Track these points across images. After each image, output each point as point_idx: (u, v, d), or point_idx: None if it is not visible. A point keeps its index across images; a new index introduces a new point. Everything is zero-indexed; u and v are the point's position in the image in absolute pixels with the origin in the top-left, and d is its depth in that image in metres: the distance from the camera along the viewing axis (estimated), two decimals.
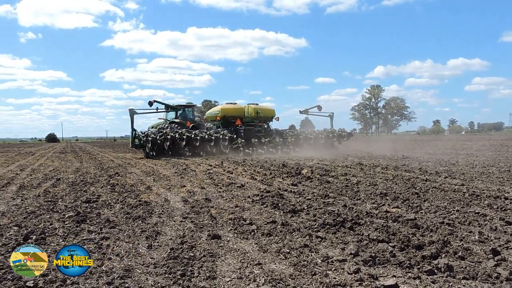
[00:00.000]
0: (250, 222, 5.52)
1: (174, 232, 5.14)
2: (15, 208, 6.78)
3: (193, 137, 20.68)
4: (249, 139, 22.29)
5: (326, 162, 14.57)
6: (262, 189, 8.34)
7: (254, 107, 24.28)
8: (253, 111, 23.99)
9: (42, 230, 5.15)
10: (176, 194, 8.08)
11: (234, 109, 24.24)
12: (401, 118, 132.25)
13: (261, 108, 24.72)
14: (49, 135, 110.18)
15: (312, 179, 9.72)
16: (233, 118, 23.73)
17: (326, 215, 5.78)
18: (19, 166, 16.10)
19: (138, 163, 16.67)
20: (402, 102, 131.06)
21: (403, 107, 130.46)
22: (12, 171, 13.96)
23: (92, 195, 7.89)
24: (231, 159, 17.02)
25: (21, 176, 12.11)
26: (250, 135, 22.71)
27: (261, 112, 24.16)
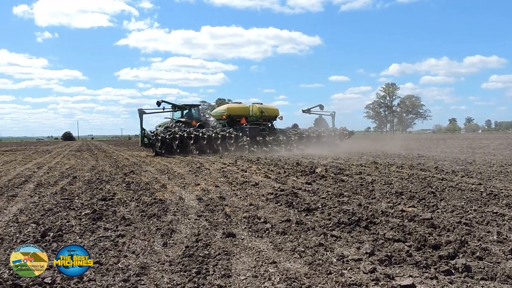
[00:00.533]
0: (265, 221, 5.51)
1: (189, 230, 5.16)
2: (32, 206, 6.88)
3: (200, 136, 21.48)
4: (254, 137, 23.03)
5: (341, 161, 14.50)
6: (276, 188, 8.34)
7: (259, 106, 25.03)
8: (257, 110, 24.74)
9: (59, 227, 5.22)
10: (190, 192, 8.12)
11: (240, 108, 25.14)
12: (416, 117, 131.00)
13: (266, 107, 25.50)
14: (65, 133, 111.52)
15: (326, 178, 9.68)
16: (238, 117, 24.58)
17: (341, 214, 5.75)
18: (36, 164, 16.34)
19: (153, 161, 16.79)
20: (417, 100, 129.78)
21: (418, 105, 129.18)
22: (29, 169, 14.17)
23: (108, 193, 7.97)
24: (244, 158, 17.03)
25: (38, 174, 12.29)
26: (255, 133, 23.45)
27: (265, 111, 24.97)
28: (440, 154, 18.17)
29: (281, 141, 23.64)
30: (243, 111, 24.99)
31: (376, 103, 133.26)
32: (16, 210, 6.53)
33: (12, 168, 14.41)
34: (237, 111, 24.98)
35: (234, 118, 24.63)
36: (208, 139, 21.49)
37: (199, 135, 21.50)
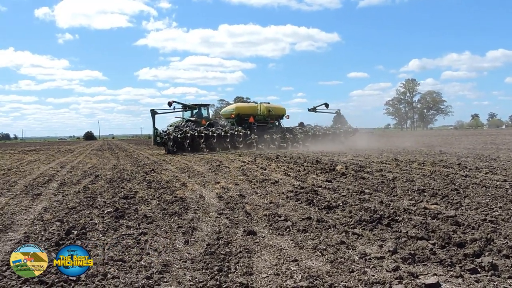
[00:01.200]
0: (285, 219, 5.50)
1: (210, 228, 5.18)
2: (56, 204, 7.01)
3: (210, 134, 22.62)
4: (262, 135, 24.02)
5: (361, 158, 14.37)
6: (296, 185, 8.31)
7: (266, 105, 26.21)
8: (265, 109, 25.83)
9: (83, 226, 5.30)
10: (210, 191, 8.16)
11: (248, 108, 26.70)
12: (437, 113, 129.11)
13: (273, 106, 26.67)
14: (86, 133, 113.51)
15: (346, 175, 9.61)
16: (246, 115, 25.58)
17: (362, 212, 5.69)
18: (59, 164, 16.64)
19: (173, 160, 16.92)
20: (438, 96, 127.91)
21: (439, 101, 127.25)
22: (53, 168, 14.44)
23: (130, 192, 8.07)
24: (264, 156, 17.03)
25: (61, 173, 12.51)
26: (263, 131, 24.52)
27: (272, 110, 26.10)
28: (463, 150, 17.84)
29: (287, 138, 24.56)
30: (251, 110, 26.05)
31: (396, 99, 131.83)
32: (41, 209, 6.66)
33: (36, 168, 14.71)
34: (246, 110, 26.17)
35: (242, 117, 25.61)
36: (218, 137, 22.54)
37: (209, 134, 22.56)
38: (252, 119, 25.36)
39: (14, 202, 7.39)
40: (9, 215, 6.25)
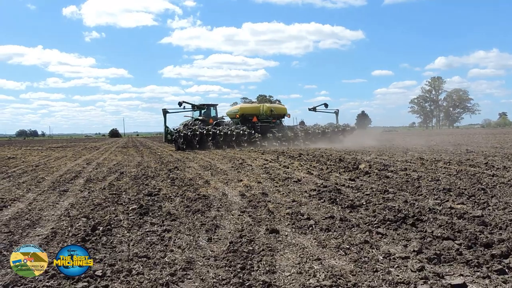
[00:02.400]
0: (308, 217, 5.48)
1: (233, 226, 5.21)
2: (83, 200, 7.15)
3: (217, 133, 24.09)
4: (265, 133, 25.57)
5: (385, 157, 14.19)
6: (319, 184, 8.26)
7: (268, 105, 28.35)
8: (267, 109, 27.48)
9: (108, 222, 5.39)
10: (233, 188, 8.19)
11: (251, 108, 28.27)
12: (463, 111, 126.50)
13: (275, 106, 29.06)
14: (111, 130, 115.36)
15: (370, 174, 9.50)
16: (250, 115, 27.20)
17: (386, 211, 5.63)
18: (86, 160, 16.97)
19: (196, 157, 17.05)
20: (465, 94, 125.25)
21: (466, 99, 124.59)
22: (79, 164, 14.74)
23: (154, 189, 8.17)
24: (286, 154, 16.99)
25: (87, 169, 12.76)
26: (266, 130, 26.04)
27: (274, 110, 27.84)
28: (490, 149, 17.42)
29: (289, 137, 25.91)
30: (254, 110, 27.66)
31: (421, 97, 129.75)
32: (68, 205, 6.81)
33: (63, 164, 15.04)
34: (249, 110, 27.79)
35: (246, 117, 27.21)
36: (224, 135, 24.07)
37: (216, 132, 24.06)
38: (255, 118, 26.90)
39: (42, 198, 7.57)
40: (37, 210, 6.41)
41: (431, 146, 20.94)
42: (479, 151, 16.36)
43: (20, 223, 5.59)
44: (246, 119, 27.12)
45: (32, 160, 17.81)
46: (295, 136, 26.19)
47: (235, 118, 27.97)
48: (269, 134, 25.66)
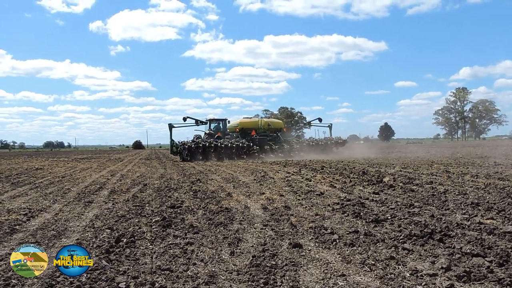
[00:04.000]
0: (332, 232, 5.40)
1: (255, 240, 5.17)
2: (107, 212, 7.23)
3: (219, 145, 25.95)
4: (262, 146, 27.85)
5: (409, 170, 13.94)
6: (342, 197, 8.16)
7: (266, 120, 31.46)
8: (265, 124, 30.22)
9: (132, 234, 5.43)
10: (255, 201, 8.15)
11: (250, 122, 30.40)
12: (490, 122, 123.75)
13: (272, 121, 32.17)
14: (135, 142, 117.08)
15: (395, 188, 9.34)
16: (249, 129, 29.44)
17: (412, 226, 5.50)
18: (110, 172, 17.22)
19: (218, 170, 17.10)
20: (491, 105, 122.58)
21: (492, 110, 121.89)
22: (103, 176, 14.96)
23: (176, 201, 8.20)
24: (309, 167, 16.88)
25: (111, 181, 12.93)
26: (263, 143, 28.25)
27: (271, 124, 30.64)
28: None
29: (285, 149, 28.22)
30: (253, 124, 30.00)
31: (445, 108, 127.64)
32: (92, 216, 6.89)
33: (88, 175, 15.29)
34: (248, 124, 29.96)
35: (245, 131, 29.44)
36: (225, 148, 25.96)
37: (218, 145, 25.96)
38: (254, 132, 29.12)
39: (68, 209, 7.69)
40: (62, 221, 6.51)
41: (457, 159, 20.50)
42: (507, 163, 15.92)
43: (47, 233, 5.68)
44: (245, 132, 29.31)
45: (58, 171, 18.16)
46: (290, 148, 28.51)
47: (235, 132, 30.25)
48: (266, 146, 28.05)
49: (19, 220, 6.60)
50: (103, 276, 3.85)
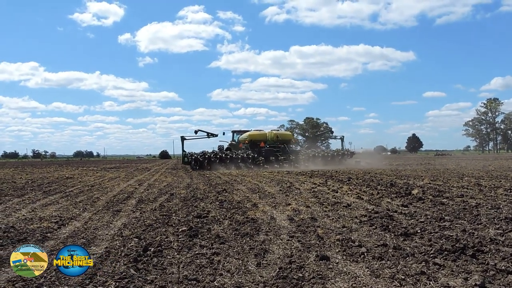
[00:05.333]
0: (359, 244, 5.31)
1: (282, 251, 5.13)
2: (135, 221, 7.32)
3: (224, 157, 28.55)
4: (268, 157, 29.85)
5: (439, 182, 13.63)
6: (369, 210, 8.03)
7: (275, 132, 33.17)
8: (274, 136, 32.38)
9: (159, 243, 5.47)
10: (281, 212, 8.11)
11: (259, 135, 32.78)
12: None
13: (280, 133, 34.33)
14: (162, 151, 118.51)
15: (424, 200, 9.13)
16: (258, 141, 31.84)
17: (443, 240, 5.35)
18: (137, 181, 17.46)
19: (244, 180, 17.11)
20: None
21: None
22: (131, 185, 15.18)
23: (202, 211, 8.24)
24: (335, 178, 16.71)
25: (139, 190, 13.10)
26: (269, 154, 30.27)
27: (280, 136, 32.96)
28: None
29: (291, 159, 29.99)
30: (261, 136, 32.41)
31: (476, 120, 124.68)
32: (121, 225, 6.98)
33: (117, 185, 15.54)
34: (257, 137, 32.45)
35: (254, 142, 31.82)
36: (231, 159, 28.48)
37: (223, 156, 28.58)
38: (262, 144, 31.39)
39: (97, 217, 7.82)
40: (92, 229, 6.62)
41: (489, 172, 19.92)
42: None
43: (77, 241, 5.78)
44: (255, 144, 31.67)
45: (88, 180, 18.54)
46: (296, 159, 30.11)
47: (245, 144, 32.55)
48: (272, 157, 29.93)
49: (50, 228, 6.75)
50: (131, 285, 3.89)
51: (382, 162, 35.22)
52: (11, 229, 6.59)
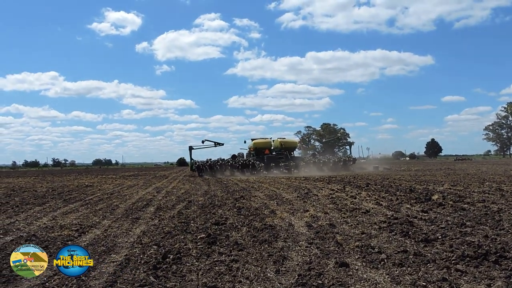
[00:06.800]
0: (379, 251, 5.26)
1: (301, 258, 5.11)
2: (153, 228, 7.37)
3: (224, 164, 31.82)
4: (269, 164, 32.44)
5: (459, 187, 13.42)
6: (389, 216, 7.95)
7: (280, 140, 35.47)
8: (278, 143, 35.06)
9: (178, 250, 5.50)
10: (299, 219, 8.08)
11: (263, 142, 35.50)
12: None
13: (285, 140, 35.92)
14: (179, 159, 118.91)
15: (444, 206, 8.99)
16: (263, 149, 34.56)
17: (464, 246, 5.26)
18: (156, 189, 17.60)
19: (261, 187, 17.11)
20: None
21: None
22: (150, 193, 15.30)
23: (220, 218, 8.26)
24: (353, 183, 16.59)
25: (157, 198, 13.21)
26: (271, 161, 32.87)
27: (284, 144, 35.02)
28: None
29: (291, 166, 31.93)
30: (266, 144, 35.16)
31: (496, 124, 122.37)
32: (140, 232, 7.04)
33: (135, 192, 15.69)
34: (261, 144, 35.11)
35: (259, 150, 34.54)
36: (231, 166, 31.52)
37: (223, 163, 31.73)
38: (267, 151, 34.01)
39: (116, 225, 7.90)
40: (111, 237, 6.69)
41: (511, 176, 19.53)
42: None
43: (97, 249, 5.85)
44: (260, 151, 34.29)
45: (107, 188, 18.75)
46: (296, 166, 32.15)
47: (251, 151, 35.30)
48: (273, 163, 32.36)
49: (71, 236, 6.84)
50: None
51: (401, 167, 34.84)
52: (32, 237, 6.70)
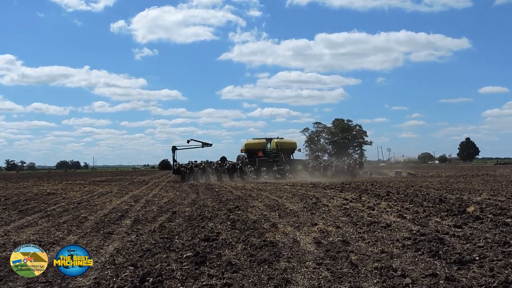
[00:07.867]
0: (403, 274, 5.25)
1: (307, 282, 5.10)
2: (130, 245, 7.36)
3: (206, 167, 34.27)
4: (260, 168, 34.52)
5: (501, 198, 13.45)
6: (414, 231, 7.96)
7: (277, 141, 37.52)
8: (274, 145, 36.90)
9: (159, 272, 5.48)
10: (306, 234, 8.08)
11: (256, 144, 38.14)
12: None
13: (282, 141, 38.08)
14: (162, 161, 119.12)
15: (482, 220, 9.00)
16: (256, 150, 36.77)
17: (508, 270, 5.26)
18: (133, 197, 17.60)
19: (260, 195, 17.13)
20: None
21: None
22: (126, 202, 15.31)
23: (211, 232, 8.25)
24: (371, 192, 16.61)
25: (135, 208, 13.20)
26: (263, 164, 35.10)
27: (281, 145, 36.88)
28: None
29: (285, 170, 34.06)
30: (259, 146, 37.61)
31: None
32: (113, 250, 7.03)
33: (108, 201, 15.69)
34: (254, 146, 37.69)
35: (252, 152, 36.88)
36: (216, 170, 33.87)
37: (206, 167, 34.23)
38: (261, 153, 35.97)
39: (84, 241, 7.88)
40: None
41: None
42: None
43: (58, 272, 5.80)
44: (252, 153, 36.51)
45: (73, 196, 18.76)
46: (291, 170, 34.40)
47: (243, 153, 37.65)
48: (264, 167, 34.59)
49: None
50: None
51: (429, 172, 34.93)
52: None
